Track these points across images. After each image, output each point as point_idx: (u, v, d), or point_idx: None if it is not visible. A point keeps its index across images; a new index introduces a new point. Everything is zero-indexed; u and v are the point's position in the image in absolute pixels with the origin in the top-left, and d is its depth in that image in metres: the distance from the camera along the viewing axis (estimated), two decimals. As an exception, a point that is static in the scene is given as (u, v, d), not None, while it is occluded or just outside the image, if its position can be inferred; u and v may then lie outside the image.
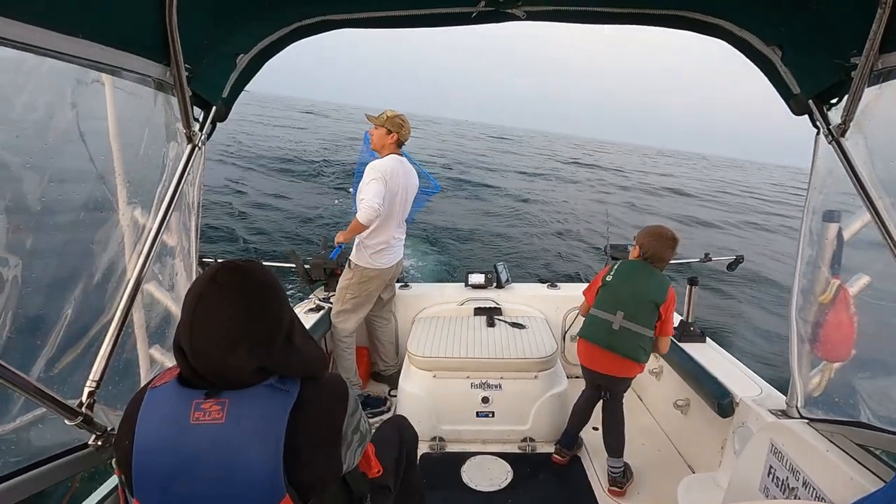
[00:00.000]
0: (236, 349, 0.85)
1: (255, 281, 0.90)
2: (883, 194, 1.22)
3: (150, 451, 0.84)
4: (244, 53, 1.49)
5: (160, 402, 0.88)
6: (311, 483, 0.90)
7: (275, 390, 0.88)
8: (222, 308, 0.86)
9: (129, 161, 1.22)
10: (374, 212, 2.43)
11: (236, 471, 0.83)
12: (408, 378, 2.56)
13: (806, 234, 1.50)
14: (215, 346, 0.85)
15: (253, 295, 0.88)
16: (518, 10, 1.43)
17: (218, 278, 0.87)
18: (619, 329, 2.05)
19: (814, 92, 1.37)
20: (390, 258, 2.73)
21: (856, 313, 1.38)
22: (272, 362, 0.89)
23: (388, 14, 1.48)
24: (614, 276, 2.14)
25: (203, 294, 0.86)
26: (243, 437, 0.83)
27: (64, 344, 1.08)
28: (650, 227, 2.19)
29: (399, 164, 2.61)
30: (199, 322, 0.85)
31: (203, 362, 0.86)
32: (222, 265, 0.89)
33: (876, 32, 1.08)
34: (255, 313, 0.88)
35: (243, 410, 0.85)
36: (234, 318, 0.86)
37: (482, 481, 2.26)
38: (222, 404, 0.85)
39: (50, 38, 0.88)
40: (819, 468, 1.37)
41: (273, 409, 0.86)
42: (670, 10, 1.46)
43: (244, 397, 0.86)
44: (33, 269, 0.98)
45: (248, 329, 0.86)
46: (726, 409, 2.01)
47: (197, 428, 0.83)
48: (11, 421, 1.02)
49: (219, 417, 0.84)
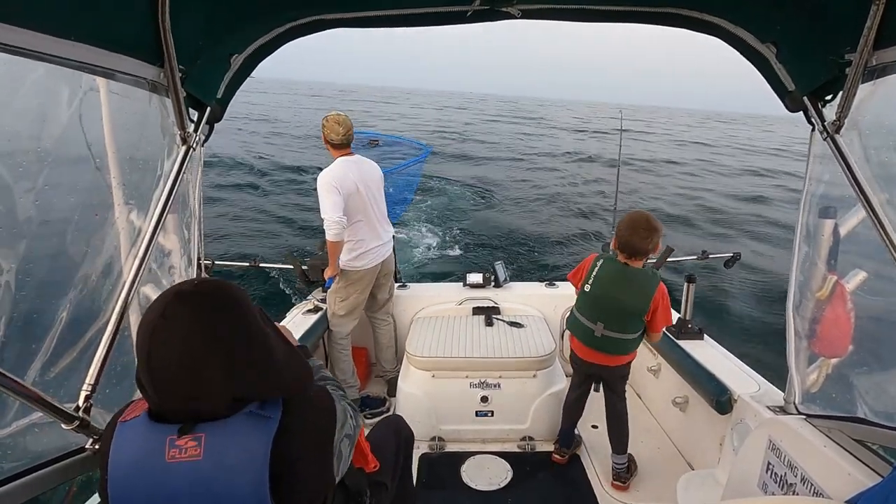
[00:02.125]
0: (202, 379, 0.78)
1: (215, 303, 0.82)
2: (878, 190, 1.22)
3: (126, 485, 0.79)
4: (238, 54, 1.48)
5: (131, 440, 0.81)
6: (303, 502, 0.87)
7: (255, 418, 0.82)
8: (178, 339, 0.78)
9: (124, 163, 1.22)
10: (338, 225, 2.39)
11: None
12: (406, 378, 2.56)
13: (802, 231, 1.51)
14: (179, 381, 0.78)
15: (213, 318, 0.81)
16: (513, 8, 1.43)
17: (167, 313, 0.79)
18: (601, 336, 2.04)
19: (809, 89, 1.37)
20: (372, 258, 2.68)
21: (853, 309, 1.38)
22: (247, 387, 0.82)
23: (383, 13, 1.48)
24: (593, 285, 2.03)
25: (157, 327, 0.78)
26: (225, 473, 0.78)
27: (60, 348, 1.07)
28: (630, 213, 2.01)
29: (348, 163, 2.53)
30: (156, 355, 0.78)
31: (169, 399, 0.80)
32: (175, 294, 0.81)
33: (870, 29, 1.08)
34: (218, 336, 0.80)
35: (222, 443, 0.79)
36: (195, 347, 0.78)
37: (482, 481, 2.26)
38: (198, 439, 0.78)
39: (42, 42, 0.87)
40: (817, 464, 1.37)
41: (254, 438, 0.80)
42: (665, 7, 1.46)
43: (221, 429, 0.80)
44: (28, 273, 0.97)
45: (212, 355, 0.79)
46: (724, 405, 2.01)
47: (173, 467, 0.77)
48: (7, 426, 1.01)
49: (196, 454, 0.78)
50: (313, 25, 1.51)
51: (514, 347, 2.51)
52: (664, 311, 2.03)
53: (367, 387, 3.10)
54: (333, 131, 2.52)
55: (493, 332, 2.70)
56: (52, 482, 1.05)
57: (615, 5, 1.45)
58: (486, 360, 2.45)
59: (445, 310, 3.03)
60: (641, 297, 1.96)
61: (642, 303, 1.96)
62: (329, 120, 2.54)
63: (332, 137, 2.53)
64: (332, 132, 2.52)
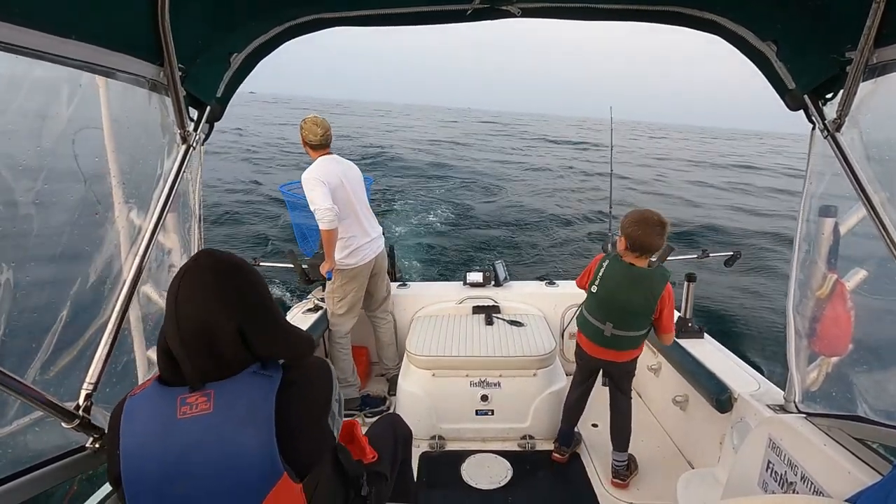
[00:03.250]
0: (221, 334, 0.86)
1: (237, 263, 0.93)
2: (878, 189, 1.22)
3: (139, 453, 0.84)
4: (238, 52, 1.48)
5: (143, 406, 0.87)
6: (306, 459, 0.92)
7: (258, 376, 0.89)
8: (205, 278, 0.88)
9: (124, 162, 1.22)
10: (330, 212, 2.40)
11: (231, 456, 0.83)
12: (407, 377, 2.56)
13: (802, 229, 1.51)
14: (204, 333, 0.86)
15: (234, 272, 0.91)
16: (513, 6, 1.43)
17: (200, 259, 0.91)
18: (610, 336, 2.04)
19: (809, 87, 1.37)
20: (364, 254, 2.70)
21: (853, 307, 1.38)
22: (256, 334, 0.90)
23: (382, 12, 1.48)
24: (599, 286, 2.02)
25: (181, 284, 0.88)
26: (234, 423, 0.84)
27: (60, 346, 1.07)
28: (634, 212, 1.96)
29: (328, 160, 2.55)
30: (182, 311, 0.86)
31: (193, 351, 0.86)
32: (198, 253, 0.93)
33: (870, 27, 1.08)
34: (237, 283, 0.90)
35: (230, 398, 0.85)
36: (218, 285, 0.88)
37: (482, 479, 2.26)
38: (208, 395, 0.85)
39: (43, 41, 0.87)
40: (817, 462, 1.37)
41: (259, 393, 0.87)
42: (666, 6, 1.46)
43: (229, 386, 0.87)
44: (28, 272, 0.98)
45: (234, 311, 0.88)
46: (724, 404, 2.01)
47: (185, 422, 0.83)
48: (8, 424, 1.01)
49: (206, 408, 0.84)
50: (313, 24, 1.51)
51: (514, 346, 2.51)
52: (670, 311, 2.02)
53: (367, 386, 3.11)
54: (312, 132, 2.53)
55: (493, 330, 2.70)
56: (52, 481, 1.05)
57: (616, 4, 1.45)
58: (486, 358, 2.45)
59: (445, 309, 3.04)
60: (648, 298, 1.95)
61: (649, 303, 1.95)
62: (307, 122, 2.55)
63: (310, 139, 2.55)
64: (310, 133, 2.54)
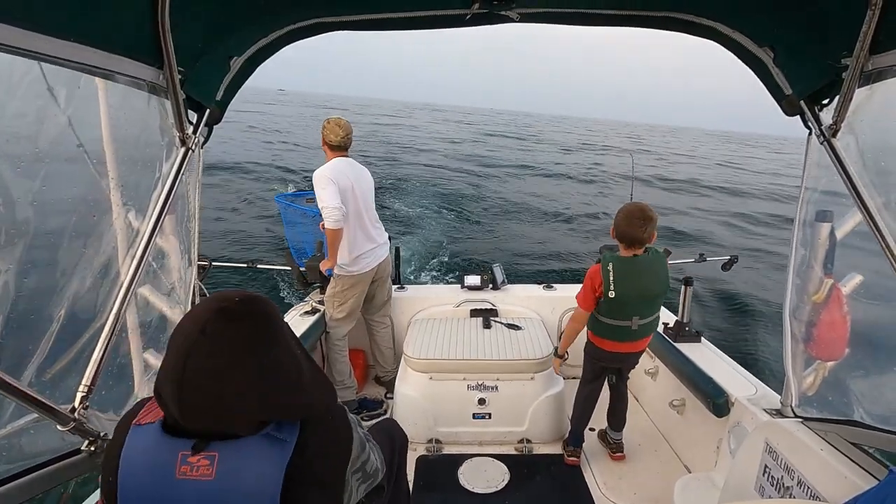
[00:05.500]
0: (234, 402, 0.77)
1: (258, 325, 0.79)
2: (874, 194, 1.23)
3: (135, 497, 0.79)
4: (237, 56, 1.49)
5: (143, 449, 0.80)
6: None
7: (271, 441, 0.80)
8: (219, 360, 0.76)
9: (122, 165, 1.21)
10: (338, 211, 2.40)
11: None
12: (404, 380, 2.56)
13: (799, 234, 1.51)
14: (210, 401, 0.76)
15: (256, 343, 0.78)
16: (512, 11, 1.44)
17: (208, 329, 0.76)
18: (637, 328, 2.09)
19: (805, 93, 1.38)
20: (367, 262, 2.69)
21: (849, 312, 1.39)
22: (274, 410, 0.81)
23: (382, 16, 1.48)
24: (617, 288, 1.98)
25: (197, 342, 0.75)
26: (234, 497, 0.77)
27: (56, 348, 1.06)
28: (626, 205, 2.04)
29: (343, 162, 2.56)
30: (189, 382, 0.75)
31: (193, 416, 0.78)
32: (215, 312, 0.77)
33: (866, 34, 1.09)
34: (260, 363, 0.78)
35: (235, 466, 0.77)
36: (235, 370, 0.76)
37: (479, 483, 2.26)
38: (211, 458, 0.77)
39: (42, 42, 0.87)
40: (813, 467, 1.37)
41: (268, 464, 0.79)
42: (662, 11, 1.47)
43: (236, 450, 0.78)
44: (25, 274, 0.97)
45: (252, 379, 0.77)
46: (721, 408, 2.01)
47: (182, 484, 0.76)
48: (2, 427, 1.00)
49: (207, 473, 0.76)
50: (313, 28, 1.52)
51: (511, 350, 2.51)
52: None
53: (364, 389, 3.10)
54: (333, 132, 2.55)
55: (490, 334, 2.70)
56: (47, 484, 1.04)
57: (613, 9, 1.46)
58: (483, 362, 2.45)
59: (443, 312, 3.03)
60: (664, 278, 2.08)
61: (664, 282, 2.08)
62: (330, 122, 2.58)
63: (330, 139, 2.56)
64: (331, 133, 2.55)
